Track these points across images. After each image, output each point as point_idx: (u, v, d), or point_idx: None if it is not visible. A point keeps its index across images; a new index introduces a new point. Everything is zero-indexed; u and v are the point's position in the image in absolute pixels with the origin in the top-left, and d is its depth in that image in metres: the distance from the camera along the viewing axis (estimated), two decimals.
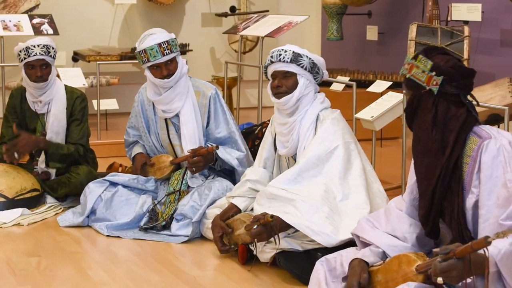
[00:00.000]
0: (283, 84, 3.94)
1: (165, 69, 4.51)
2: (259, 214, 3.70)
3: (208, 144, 4.63)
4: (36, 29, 6.83)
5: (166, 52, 4.48)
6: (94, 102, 6.88)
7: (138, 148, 4.88)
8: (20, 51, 4.91)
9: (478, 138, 2.77)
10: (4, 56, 6.63)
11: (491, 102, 4.98)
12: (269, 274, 3.78)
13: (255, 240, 3.71)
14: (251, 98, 8.81)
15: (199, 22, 8.70)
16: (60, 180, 4.98)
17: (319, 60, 4.01)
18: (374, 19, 8.17)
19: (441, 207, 2.84)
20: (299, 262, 3.64)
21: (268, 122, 4.42)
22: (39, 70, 4.91)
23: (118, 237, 4.41)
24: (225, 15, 8.60)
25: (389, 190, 5.08)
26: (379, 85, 5.71)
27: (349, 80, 5.98)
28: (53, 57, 4.97)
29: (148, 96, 4.69)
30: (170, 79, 4.53)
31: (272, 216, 3.59)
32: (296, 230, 3.67)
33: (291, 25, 6.53)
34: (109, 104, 7.20)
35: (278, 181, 3.85)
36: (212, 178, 4.61)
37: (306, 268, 3.42)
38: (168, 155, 4.73)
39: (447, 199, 2.82)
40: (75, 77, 6.56)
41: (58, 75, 5.38)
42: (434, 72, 2.78)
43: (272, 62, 3.97)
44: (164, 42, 4.47)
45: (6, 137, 5.05)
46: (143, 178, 4.71)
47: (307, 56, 3.95)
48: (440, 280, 2.49)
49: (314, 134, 3.92)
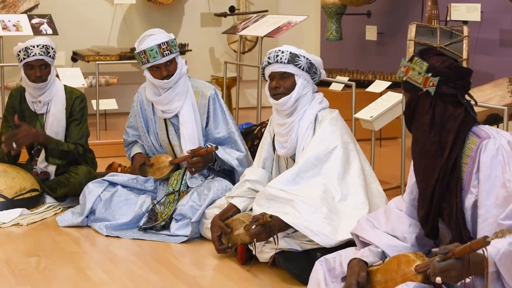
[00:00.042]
0: (281, 85, 3.93)
1: (165, 70, 4.51)
2: (258, 214, 3.70)
3: (208, 145, 4.62)
4: (35, 29, 6.82)
5: (165, 53, 4.47)
6: (93, 102, 6.88)
7: (137, 148, 4.88)
8: (20, 51, 4.90)
9: (477, 138, 2.77)
10: (3, 56, 6.63)
11: (491, 102, 4.98)
12: (268, 274, 3.78)
13: (254, 240, 3.71)
14: (250, 98, 8.81)
15: (198, 22, 8.69)
16: (59, 180, 4.98)
17: (317, 60, 4.01)
18: (373, 19, 8.18)
19: (440, 207, 2.85)
20: (298, 262, 3.64)
21: (267, 122, 4.41)
22: (39, 70, 4.91)
23: (117, 237, 4.41)
24: (224, 15, 8.59)
25: (388, 190, 5.08)
26: (378, 85, 5.71)
27: (348, 80, 5.97)
28: (53, 57, 4.96)
29: (147, 96, 4.68)
30: (169, 79, 4.52)
31: (271, 216, 3.58)
32: (295, 230, 3.67)
33: (290, 25, 6.53)
34: (108, 104, 7.21)
35: (277, 182, 3.85)
36: (212, 178, 4.60)
37: (305, 268, 3.42)
38: (167, 155, 4.73)
39: (445, 199, 2.82)
40: (74, 77, 6.56)
41: (57, 75, 5.38)
42: (430, 73, 2.79)
43: (269, 63, 3.96)
44: (163, 43, 4.46)
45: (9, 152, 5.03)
46: (142, 178, 4.71)
47: (304, 57, 3.95)
48: (439, 280, 2.49)
49: (313, 135, 3.91)
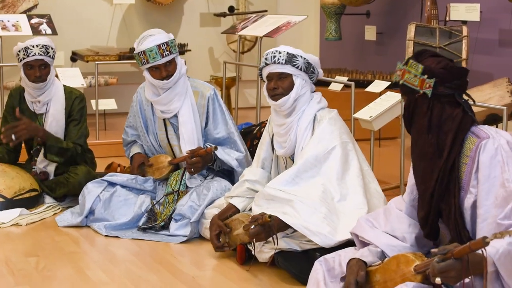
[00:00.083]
0: (279, 86, 3.93)
1: (164, 71, 4.51)
2: (257, 214, 3.70)
3: (207, 145, 4.62)
4: (35, 29, 6.82)
5: (165, 54, 4.47)
6: (93, 102, 6.87)
7: (136, 148, 4.88)
8: (19, 51, 4.90)
9: (476, 138, 2.77)
10: (2, 56, 6.63)
11: (490, 102, 4.98)
12: (267, 274, 3.78)
13: (254, 240, 3.71)
14: (249, 98, 8.81)
15: (198, 22, 8.69)
16: (58, 180, 4.98)
17: (314, 59, 4.00)
18: (372, 19, 8.18)
19: (439, 208, 2.85)
20: (298, 262, 3.64)
21: (266, 122, 4.41)
22: (38, 70, 4.91)
23: (116, 237, 4.41)
24: (223, 15, 8.59)
25: (387, 190, 5.08)
26: (377, 85, 5.71)
27: (348, 80, 5.98)
28: (52, 57, 4.96)
29: (146, 96, 4.68)
30: (169, 80, 4.52)
31: (270, 216, 3.58)
32: (294, 230, 3.66)
33: (290, 25, 6.53)
34: (108, 104, 7.21)
35: (276, 182, 3.85)
36: (211, 178, 4.60)
37: (305, 268, 3.41)
38: (166, 155, 4.73)
39: (444, 200, 2.82)
40: (74, 77, 6.56)
41: (57, 75, 5.38)
42: (426, 75, 2.79)
43: (266, 64, 3.95)
44: (163, 43, 4.46)
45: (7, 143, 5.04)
46: (141, 178, 4.70)
47: (301, 56, 3.94)
48: (438, 280, 2.50)
49: (312, 134, 3.91)
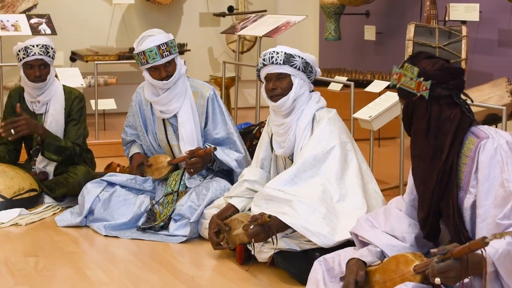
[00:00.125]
0: (278, 86, 3.93)
1: (164, 71, 4.50)
2: (257, 214, 3.70)
3: (206, 145, 4.62)
4: (34, 29, 6.82)
5: (165, 54, 4.46)
6: (92, 102, 6.87)
7: (135, 148, 4.87)
8: (19, 51, 4.90)
9: (476, 138, 2.77)
10: (2, 56, 6.62)
11: (489, 102, 4.98)
12: (267, 274, 3.78)
13: (253, 240, 3.71)
14: (249, 98, 8.80)
15: (197, 22, 8.69)
16: (58, 180, 4.98)
17: (311, 59, 4.00)
18: (372, 19, 8.18)
19: (439, 209, 2.85)
20: (297, 262, 3.64)
21: (266, 122, 4.41)
22: (38, 70, 4.91)
23: (116, 237, 4.41)
24: (223, 15, 8.59)
25: (387, 190, 5.09)
26: (377, 85, 5.71)
27: (347, 80, 5.97)
28: (52, 57, 4.96)
29: (146, 96, 4.67)
30: (168, 80, 4.51)
31: (270, 216, 3.58)
32: (294, 231, 3.66)
33: (289, 25, 6.52)
34: (107, 104, 7.20)
35: (275, 182, 3.85)
36: (210, 178, 4.60)
37: (304, 268, 3.41)
38: (165, 155, 4.73)
39: (444, 200, 2.82)
40: (73, 77, 6.55)
41: (56, 75, 5.38)
42: (422, 78, 2.79)
43: (264, 65, 3.95)
44: (163, 44, 4.45)
45: (6, 138, 5.04)
46: (141, 178, 4.70)
47: (299, 56, 3.94)
48: (437, 280, 2.50)
49: (311, 134, 3.91)
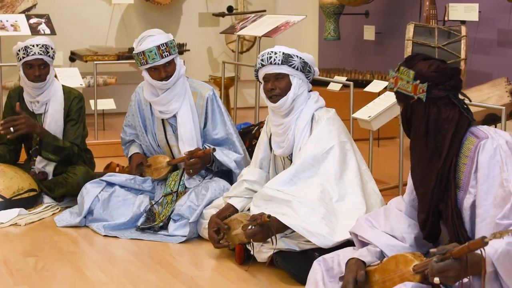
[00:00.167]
0: (277, 86, 3.92)
1: (164, 71, 4.50)
2: (256, 214, 3.70)
3: (205, 146, 4.62)
4: (33, 29, 6.81)
5: (164, 54, 4.46)
6: (91, 102, 6.88)
7: (134, 148, 4.87)
8: (19, 50, 4.90)
9: (475, 138, 2.77)
10: (1, 56, 6.62)
11: (489, 102, 4.98)
12: (266, 274, 3.78)
13: (252, 240, 3.71)
14: (248, 98, 8.80)
15: (196, 22, 8.68)
16: (57, 180, 4.98)
17: (309, 58, 4.00)
18: (371, 19, 8.18)
19: (439, 209, 2.85)
20: (297, 262, 3.64)
21: (265, 122, 4.41)
22: (38, 69, 4.90)
23: (115, 237, 4.41)
24: (222, 15, 8.59)
25: (386, 190, 5.09)
26: (376, 85, 5.71)
27: (346, 80, 5.98)
28: (52, 57, 4.96)
29: (145, 96, 4.67)
30: (168, 81, 4.51)
31: (269, 216, 3.58)
32: (293, 231, 3.66)
33: (288, 25, 6.52)
34: (106, 104, 7.20)
35: (274, 183, 3.84)
36: (209, 179, 4.60)
37: (304, 268, 3.41)
38: (165, 155, 4.73)
39: (443, 201, 2.82)
40: (72, 77, 6.55)
41: (56, 76, 5.38)
42: (418, 80, 2.79)
43: (263, 65, 3.95)
44: (162, 44, 4.44)
45: (5, 137, 5.03)
46: (140, 179, 4.70)
47: (297, 56, 3.93)
48: (437, 280, 2.50)
49: (310, 134, 3.91)
